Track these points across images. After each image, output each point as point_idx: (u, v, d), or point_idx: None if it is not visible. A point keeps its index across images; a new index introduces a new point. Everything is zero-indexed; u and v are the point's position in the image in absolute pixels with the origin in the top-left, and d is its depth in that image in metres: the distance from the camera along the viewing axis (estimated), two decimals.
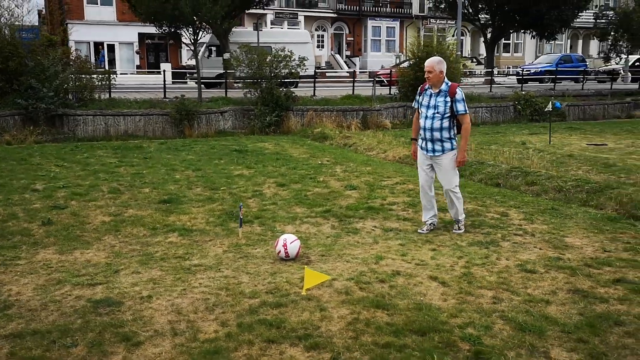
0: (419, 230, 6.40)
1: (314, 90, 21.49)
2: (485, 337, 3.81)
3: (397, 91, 21.77)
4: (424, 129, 6.09)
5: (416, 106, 6.33)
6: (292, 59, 18.45)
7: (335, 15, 43.79)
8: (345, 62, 42.41)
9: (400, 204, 7.71)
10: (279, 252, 5.44)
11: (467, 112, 6.02)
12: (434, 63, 5.91)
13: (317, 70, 25.95)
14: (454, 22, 42.70)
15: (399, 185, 8.91)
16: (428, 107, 6.04)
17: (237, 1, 19.43)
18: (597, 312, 4.20)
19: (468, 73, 23.97)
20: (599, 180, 8.62)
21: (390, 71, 24.87)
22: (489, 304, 4.39)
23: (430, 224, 6.44)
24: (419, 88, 6.24)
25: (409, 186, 8.83)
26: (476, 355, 3.58)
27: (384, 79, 25.96)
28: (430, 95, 6.04)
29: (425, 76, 5.99)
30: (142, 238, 6.11)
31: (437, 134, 6.00)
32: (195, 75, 27.35)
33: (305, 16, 42.31)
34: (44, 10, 40.75)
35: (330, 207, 7.51)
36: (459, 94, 5.95)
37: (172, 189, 8.51)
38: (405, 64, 24.42)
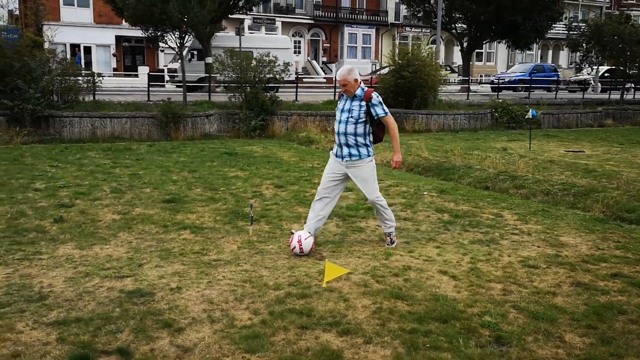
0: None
1: (296, 95, 21.75)
2: (503, 324, 4.10)
3: None
4: (338, 134, 5.77)
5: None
6: (276, 64, 18.71)
7: (312, 22, 44.21)
8: (321, 68, 42.81)
9: (398, 205, 7.98)
10: (294, 247, 5.65)
11: (388, 113, 5.71)
12: (345, 75, 5.59)
13: (297, 76, 26.23)
14: (428, 31, 43.69)
15: (393, 188, 9.20)
16: (342, 110, 5.74)
17: (222, 6, 19.55)
18: (601, 302, 4.54)
19: (443, 81, 24.51)
20: (584, 184, 9.05)
21: (370, 78, 25.27)
22: (500, 295, 4.68)
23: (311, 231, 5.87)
24: (338, 94, 5.91)
25: (402, 188, 9.14)
26: (497, 340, 3.86)
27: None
28: (346, 100, 5.74)
29: (342, 90, 5.69)
30: (155, 235, 6.26)
31: (351, 139, 5.69)
32: (175, 78, 27.53)
33: (282, 22, 42.60)
34: (15, 10, 40.17)
35: None
36: (375, 98, 5.64)
37: (172, 189, 8.64)
38: (385, 71, 24.88)
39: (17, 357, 3.41)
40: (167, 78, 29.19)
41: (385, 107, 5.74)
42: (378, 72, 28.09)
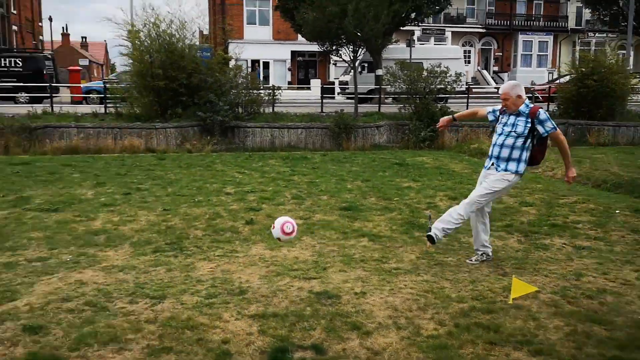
0: (467, 261, 5.79)
1: (467, 105, 21.26)
2: None
3: (556, 107, 20.89)
4: (494, 145, 5.63)
5: (491, 117, 5.82)
6: (447, 74, 18.52)
7: (483, 31, 42.99)
8: (492, 77, 41.35)
9: (586, 223, 7.45)
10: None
11: (557, 128, 5.53)
12: (508, 89, 5.52)
13: (467, 86, 25.67)
14: (615, 35, 40.07)
15: (579, 204, 8.59)
16: (505, 124, 5.57)
17: (395, 19, 19.86)
18: None
19: (634, 90, 22.23)
20: None
21: (549, 87, 23.87)
22: None
23: (482, 254, 5.82)
24: (500, 109, 5.74)
25: (590, 205, 8.49)
26: None
27: (539, 95, 24.96)
28: (510, 115, 5.57)
29: (503, 104, 5.57)
30: (336, 241, 6.52)
31: (506, 151, 5.51)
32: (346, 90, 28.47)
33: (452, 32, 42.01)
34: (204, 31, 44.51)
35: (511, 222, 7.46)
36: (542, 113, 5.47)
37: (348, 198, 8.92)
38: (565, 79, 23.33)
39: (227, 344, 3.78)
40: (337, 90, 30.30)
41: (554, 122, 5.55)
42: (557, 81, 26.45)
